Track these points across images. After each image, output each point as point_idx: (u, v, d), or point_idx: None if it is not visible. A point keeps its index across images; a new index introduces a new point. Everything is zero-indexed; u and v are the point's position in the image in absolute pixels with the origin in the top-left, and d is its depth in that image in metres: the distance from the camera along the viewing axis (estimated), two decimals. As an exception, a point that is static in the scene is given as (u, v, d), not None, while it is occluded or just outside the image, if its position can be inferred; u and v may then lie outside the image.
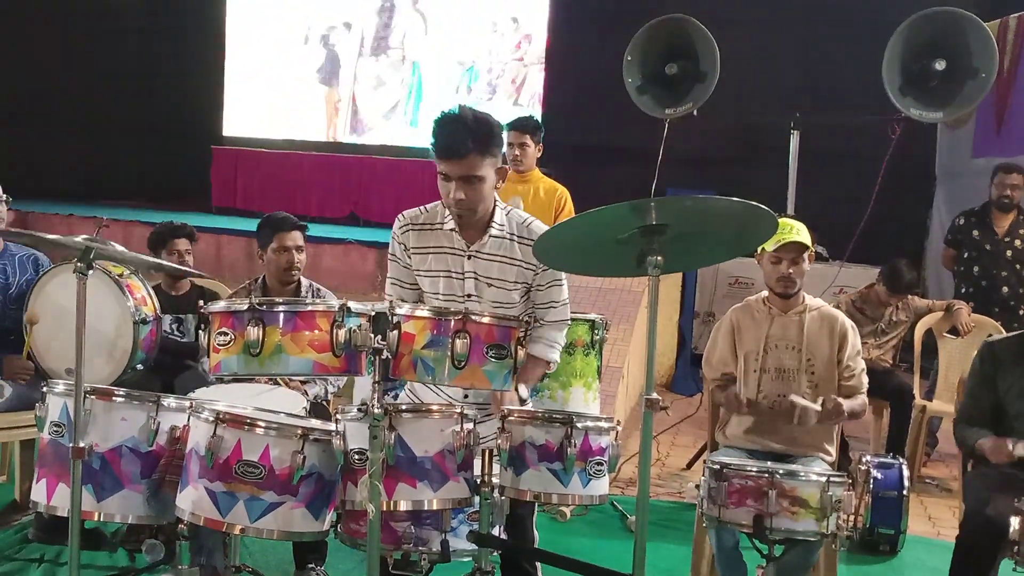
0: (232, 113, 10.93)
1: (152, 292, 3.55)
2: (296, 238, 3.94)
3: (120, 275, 3.39)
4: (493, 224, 2.78)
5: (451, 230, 2.79)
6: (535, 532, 3.02)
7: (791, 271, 3.36)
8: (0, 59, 10.08)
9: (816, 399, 3.36)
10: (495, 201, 2.79)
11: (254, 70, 10.81)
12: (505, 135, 5.01)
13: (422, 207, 2.88)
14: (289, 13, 10.66)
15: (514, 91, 9.90)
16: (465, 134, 2.61)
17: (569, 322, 2.98)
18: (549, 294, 2.86)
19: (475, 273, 2.79)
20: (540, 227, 2.83)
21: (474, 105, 2.79)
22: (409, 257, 2.84)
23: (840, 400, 3.24)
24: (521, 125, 5.06)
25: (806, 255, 3.36)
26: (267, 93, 10.78)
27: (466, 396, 2.79)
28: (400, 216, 2.88)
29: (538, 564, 2.94)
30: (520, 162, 4.98)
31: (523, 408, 2.63)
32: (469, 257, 2.79)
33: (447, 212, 2.80)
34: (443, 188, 2.69)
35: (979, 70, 4.88)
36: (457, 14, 10.08)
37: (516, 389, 2.51)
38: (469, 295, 2.79)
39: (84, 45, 10.43)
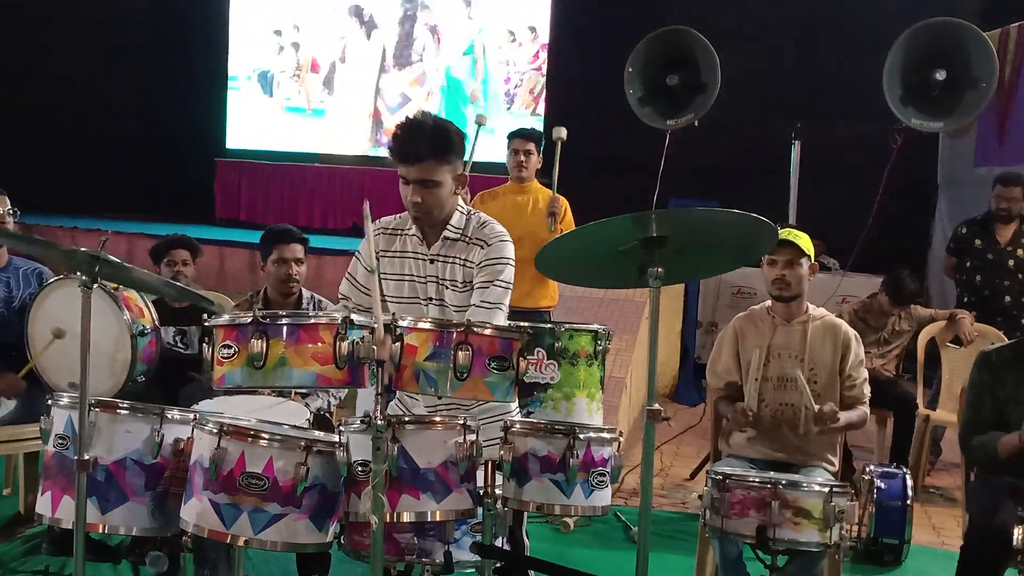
0: (235, 126, 10.97)
1: (149, 303, 3.53)
2: (296, 251, 3.95)
3: (115, 288, 3.38)
4: (448, 227, 2.81)
5: (415, 235, 2.84)
6: (526, 540, 3.03)
7: (784, 272, 3.36)
8: (3, 74, 10.11)
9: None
10: (457, 205, 2.83)
11: (257, 83, 10.85)
12: (508, 143, 5.08)
13: (396, 215, 2.92)
14: (294, 24, 10.71)
15: (532, 101, 9.88)
16: (422, 140, 2.66)
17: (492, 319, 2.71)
18: (480, 293, 2.76)
19: (436, 277, 2.82)
20: (498, 228, 2.85)
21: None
22: (378, 259, 2.86)
23: (837, 409, 3.20)
24: (527, 134, 5.11)
25: (803, 260, 3.36)
26: (270, 106, 10.82)
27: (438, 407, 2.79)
28: (376, 221, 2.91)
29: (530, 574, 2.94)
30: (524, 169, 5.01)
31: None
32: (432, 261, 2.82)
33: None
34: (402, 191, 2.75)
35: (979, 80, 4.89)
36: (474, 24, 10.09)
37: None
38: (431, 299, 2.82)
39: (88, 58, 10.45)
